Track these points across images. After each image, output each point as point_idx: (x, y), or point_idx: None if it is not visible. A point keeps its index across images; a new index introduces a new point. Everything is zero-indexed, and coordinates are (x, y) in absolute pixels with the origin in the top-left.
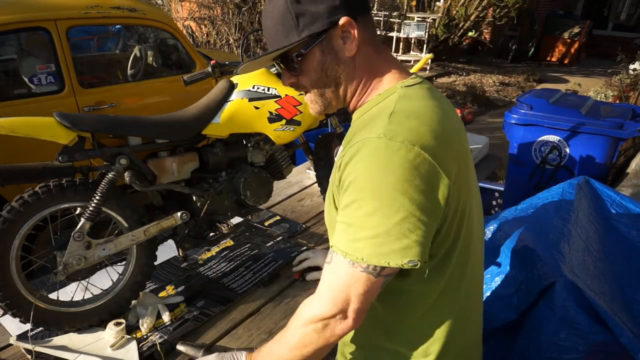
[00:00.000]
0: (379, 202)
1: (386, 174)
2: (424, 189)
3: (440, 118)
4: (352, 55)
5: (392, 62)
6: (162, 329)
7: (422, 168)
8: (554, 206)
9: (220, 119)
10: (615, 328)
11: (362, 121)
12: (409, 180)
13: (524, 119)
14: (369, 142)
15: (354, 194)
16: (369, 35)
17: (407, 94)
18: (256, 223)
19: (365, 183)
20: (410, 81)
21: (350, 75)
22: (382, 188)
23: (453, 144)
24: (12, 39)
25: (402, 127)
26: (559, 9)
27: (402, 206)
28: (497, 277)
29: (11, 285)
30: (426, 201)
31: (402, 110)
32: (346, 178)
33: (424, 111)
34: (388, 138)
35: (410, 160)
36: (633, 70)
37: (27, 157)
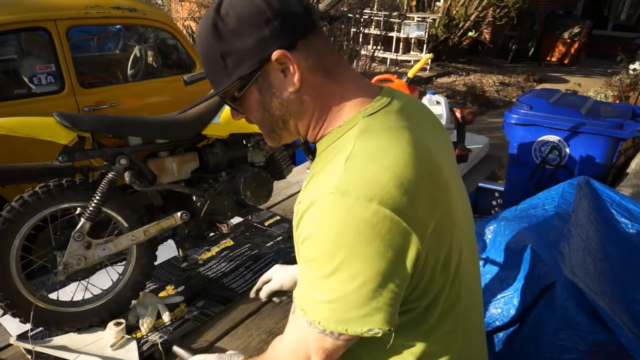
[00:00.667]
0: (334, 265)
1: (341, 235)
2: (385, 251)
3: (410, 153)
4: (296, 89)
5: (351, 83)
6: (162, 329)
7: (382, 227)
8: (554, 206)
9: (221, 119)
10: (615, 328)
11: (321, 159)
12: (367, 242)
13: (524, 119)
14: (321, 198)
15: (309, 252)
16: (315, 61)
17: (369, 127)
18: (256, 223)
19: (319, 243)
20: (374, 106)
21: (297, 111)
22: (336, 251)
23: (429, 184)
24: (12, 39)
25: (358, 178)
26: (559, 9)
27: (360, 271)
28: (497, 277)
29: (11, 285)
30: (389, 265)
31: (360, 153)
32: (302, 232)
33: (387, 149)
34: (340, 193)
35: (367, 220)
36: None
37: (27, 157)
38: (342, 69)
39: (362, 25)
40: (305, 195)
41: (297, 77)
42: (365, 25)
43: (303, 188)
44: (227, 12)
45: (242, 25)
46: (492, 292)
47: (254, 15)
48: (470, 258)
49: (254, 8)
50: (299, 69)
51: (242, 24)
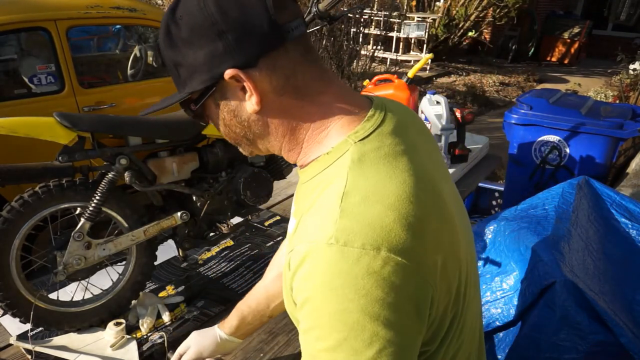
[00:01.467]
0: (343, 333)
1: (347, 294)
2: (401, 304)
3: (412, 186)
4: (257, 111)
5: (335, 102)
6: (162, 329)
7: (395, 278)
8: (554, 206)
9: None
10: (615, 328)
11: (309, 190)
12: (380, 299)
13: (524, 119)
14: (317, 251)
15: (310, 319)
16: (282, 81)
17: (363, 156)
18: (256, 223)
19: (321, 308)
20: (366, 127)
21: (262, 133)
22: (344, 314)
23: (435, 220)
24: (12, 39)
25: (359, 222)
26: (559, 9)
27: (375, 335)
28: (497, 277)
29: (11, 285)
30: (407, 320)
31: (356, 190)
32: (297, 294)
33: (387, 184)
34: (342, 244)
35: (378, 271)
36: (633, 70)
37: (27, 157)
38: (322, 87)
39: (362, 25)
40: (297, 242)
41: (256, 100)
42: (365, 25)
43: (293, 231)
44: (180, 16)
45: (193, 35)
46: (492, 292)
47: (206, 25)
48: (473, 280)
49: (206, 17)
50: (258, 90)
51: (194, 33)
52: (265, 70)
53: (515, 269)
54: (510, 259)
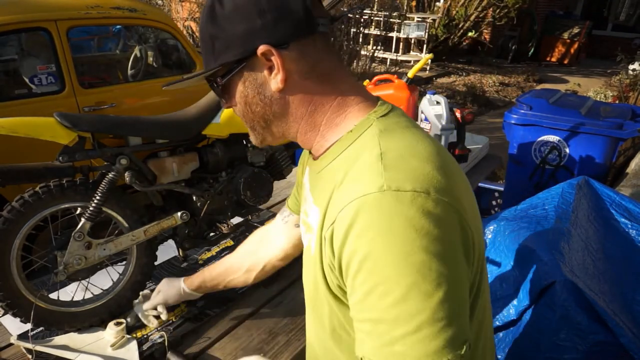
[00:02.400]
0: (411, 277)
1: (409, 235)
2: (456, 242)
3: (434, 148)
4: (281, 89)
5: (352, 92)
6: (162, 329)
7: (448, 216)
8: (553, 206)
9: (221, 119)
10: (615, 328)
11: (335, 170)
12: (440, 237)
13: (524, 119)
14: (369, 200)
15: (372, 278)
16: (308, 66)
17: (387, 127)
18: (256, 223)
19: (384, 257)
20: (382, 109)
21: (282, 113)
22: (410, 256)
23: (457, 176)
24: (13, 39)
25: (404, 171)
26: (559, 9)
27: (441, 275)
28: (497, 277)
29: (12, 285)
30: (462, 258)
31: (391, 149)
32: (351, 257)
33: (416, 145)
34: (394, 189)
35: (432, 211)
36: (632, 70)
37: (27, 157)
38: (342, 76)
39: (362, 26)
40: (337, 208)
41: (282, 78)
42: (365, 26)
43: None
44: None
45: (236, 11)
46: (492, 292)
47: (249, 3)
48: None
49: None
50: (285, 69)
51: (236, 10)
52: (295, 52)
53: (515, 269)
54: (510, 259)
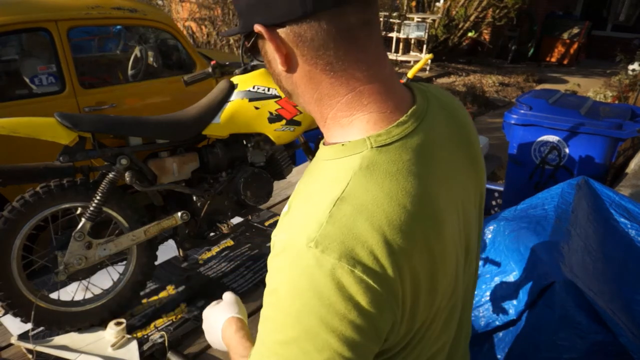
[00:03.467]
0: (297, 332)
1: (310, 299)
2: (361, 325)
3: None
4: (285, 70)
5: (372, 92)
6: (162, 329)
7: (362, 299)
8: (553, 206)
9: (221, 119)
10: (615, 328)
11: (316, 172)
12: (341, 314)
13: (524, 119)
14: (294, 249)
15: (271, 309)
16: (311, 51)
17: (373, 164)
18: (256, 223)
19: (284, 303)
20: (391, 134)
21: (292, 91)
22: (303, 316)
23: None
24: (13, 39)
25: (344, 234)
26: (558, 10)
27: (326, 345)
28: (497, 277)
29: (12, 284)
30: (362, 339)
31: (351, 198)
32: (269, 279)
33: (384, 204)
34: (320, 250)
35: (346, 288)
36: (632, 70)
37: (28, 157)
38: (359, 70)
39: None
40: (282, 228)
41: (280, 60)
42: None
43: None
44: None
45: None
46: (492, 292)
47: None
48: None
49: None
50: (282, 52)
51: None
52: (291, 35)
53: (514, 269)
54: (510, 259)
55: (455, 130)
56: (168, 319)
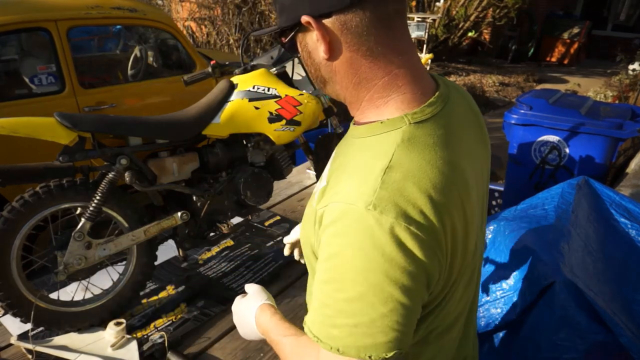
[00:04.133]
0: (364, 287)
1: (375, 256)
2: (417, 274)
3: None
4: (326, 58)
5: (406, 75)
6: (162, 329)
7: (418, 251)
8: (553, 206)
9: (221, 119)
10: (615, 328)
11: (354, 148)
12: (402, 266)
13: (524, 119)
14: (352, 212)
15: (333, 272)
16: (354, 38)
17: (413, 138)
18: (256, 223)
19: (348, 264)
20: (425, 112)
21: (330, 78)
22: (369, 272)
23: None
24: (13, 39)
25: (397, 197)
26: (559, 10)
27: (391, 296)
28: (497, 277)
29: (12, 285)
30: (419, 287)
31: (399, 167)
32: (326, 246)
33: (427, 170)
34: (379, 211)
35: (404, 243)
36: (632, 70)
37: (28, 157)
38: (395, 56)
39: None
40: (332, 199)
41: (324, 49)
42: None
43: (326, 175)
44: None
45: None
46: (492, 292)
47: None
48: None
49: None
50: (327, 40)
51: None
52: (337, 24)
53: (515, 269)
54: (510, 259)
55: (470, 114)
56: (168, 319)
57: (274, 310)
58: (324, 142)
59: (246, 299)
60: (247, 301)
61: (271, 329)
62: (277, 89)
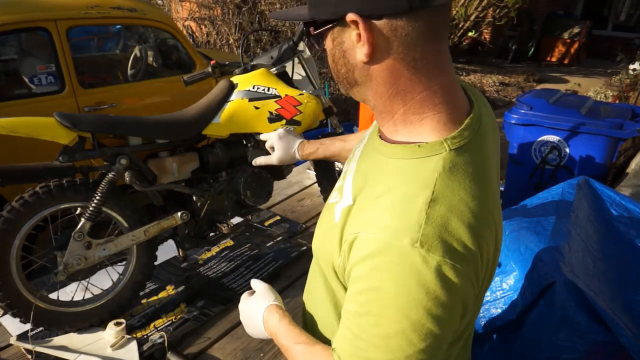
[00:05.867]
0: (403, 325)
1: (419, 295)
2: (456, 307)
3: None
4: (366, 61)
5: (444, 92)
6: (162, 329)
7: (461, 288)
8: (553, 206)
9: (221, 119)
10: (615, 328)
11: (385, 166)
12: (444, 303)
13: (524, 119)
14: (397, 248)
15: (371, 306)
16: (402, 47)
17: (455, 166)
18: (256, 223)
19: (390, 300)
20: (464, 135)
21: (363, 82)
22: (411, 310)
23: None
24: (13, 39)
25: (443, 232)
26: (559, 9)
27: (430, 332)
28: (497, 277)
29: (11, 285)
30: (455, 319)
31: (443, 199)
32: (361, 279)
33: (469, 202)
34: (426, 249)
35: (448, 280)
36: (633, 70)
37: (27, 157)
38: (437, 71)
39: None
40: (367, 226)
41: (366, 52)
42: None
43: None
44: None
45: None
46: (492, 292)
47: None
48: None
49: None
50: (372, 43)
51: None
52: (387, 28)
53: (515, 269)
54: (510, 259)
55: (493, 127)
56: (168, 319)
57: (282, 313)
58: None
59: (254, 298)
60: (255, 300)
61: (281, 333)
62: (277, 88)
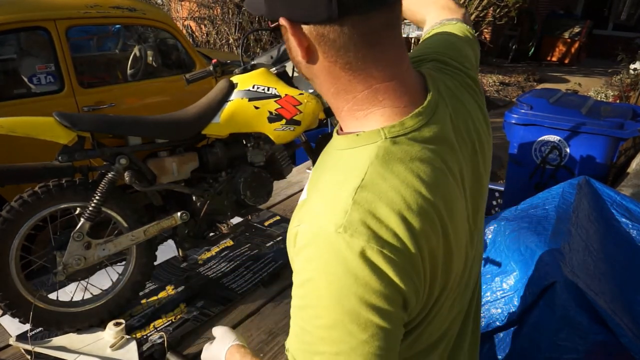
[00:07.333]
0: (340, 315)
1: (348, 282)
2: (393, 297)
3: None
4: (306, 61)
5: (388, 88)
6: (162, 329)
7: (392, 274)
8: (554, 206)
9: (220, 118)
10: (616, 328)
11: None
12: (377, 290)
13: (524, 118)
14: (324, 237)
15: (309, 298)
16: (331, 50)
17: (388, 154)
18: (256, 223)
19: (322, 290)
20: (405, 125)
21: (312, 80)
22: (343, 298)
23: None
24: (12, 38)
25: (368, 218)
26: (559, 9)
27: (369, 322)
28: (497, 277)
29: (11, 285)
30: (396, 309)
31: (372, 186)
32: (300, 272)
33: (401, 189)
34: (349, 234)
35: (377, 266)
36: (633, 70)
37: (26, 157)
38: (377, 70)
39: None
40: (304, 218)
41: (301, 54)
42: None
43: (306, 187)
44: None
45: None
46: (492, 292)
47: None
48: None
49: None
50: (303, 47)
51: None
52: (314, 34)
53: (515, 269)
54: (511, 259)
55: (461, 119)
56: (167, 320)
57: (243, 351)
58: (324, 142)
59: (214, 344)
60: (215, 347)
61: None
62: (277, 88)
